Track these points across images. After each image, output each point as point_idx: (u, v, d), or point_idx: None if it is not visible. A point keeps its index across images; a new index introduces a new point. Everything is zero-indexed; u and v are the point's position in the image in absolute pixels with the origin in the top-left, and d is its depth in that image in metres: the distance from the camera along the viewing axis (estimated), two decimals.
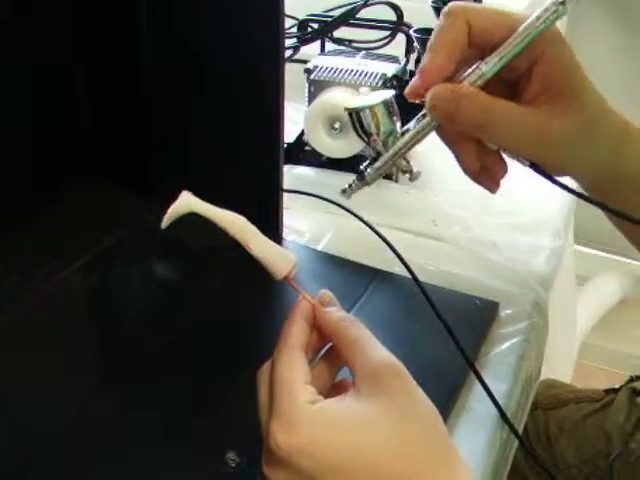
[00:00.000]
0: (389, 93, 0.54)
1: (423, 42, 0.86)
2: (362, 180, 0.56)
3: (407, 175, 0.55)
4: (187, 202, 0.50)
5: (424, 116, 0.53)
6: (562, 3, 0.49)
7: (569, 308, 1.34)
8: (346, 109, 0.54)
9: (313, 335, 0.49)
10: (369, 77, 0.89)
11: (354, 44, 1.00)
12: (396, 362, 0.45)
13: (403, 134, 0.54)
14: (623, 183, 0.57)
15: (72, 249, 0.73)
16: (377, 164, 0.55)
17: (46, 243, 0.73)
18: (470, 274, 0.76)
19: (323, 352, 0.50)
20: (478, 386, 0.61)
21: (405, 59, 0.94)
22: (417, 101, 0.52)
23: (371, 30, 0.98)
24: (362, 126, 0.54)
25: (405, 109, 0.55)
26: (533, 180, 0.55)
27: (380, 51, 0.98)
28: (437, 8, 0.86)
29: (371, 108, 0.53)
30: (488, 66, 0.51)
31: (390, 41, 0.98)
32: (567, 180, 0.56)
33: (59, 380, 0.59)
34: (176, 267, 0.74)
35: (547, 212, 0.88)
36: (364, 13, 0.96)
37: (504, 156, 0.56)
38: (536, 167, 0.53)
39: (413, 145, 0.54)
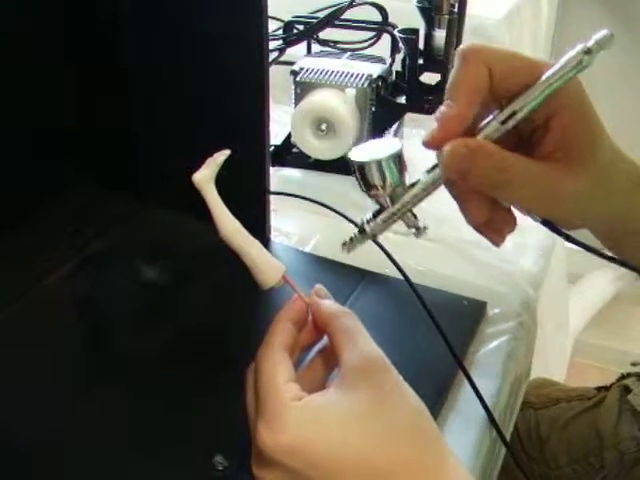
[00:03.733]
0: (397, 145, 0.50)
1: (408, 42, 0.86)
2: (364, 234, 0.51)
3: (413, 230, 0.52)
4: (199, 180, 0.50)
5: (434, 168, 0.50)
6: (587, 52, 0.45)
7: (561, 306, 1.34)
8: (349, 160, 0.50)
9: (301, 337, 0.50)
10: (355, 78, 0.89)
11: (340, 45, 1.00)
12: (384, 357, 0.46)
13: (411, 187, 0.50)
14: (636, 230, 0.55)
15: (61, 252, 0.73)
16: (382, 217, 0.51)
17: (34, 246, 0.73)
18: (458, 274, 0.76)
19: (313, 354, 0.50)
20: (467, 386, 0.61)
21: (390, 59, 0.94)
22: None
23: (356, 31, 0.98)
24: (365, 180, 0.49)
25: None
26: None
27: (366, 52, 0.98)
28: (422, 8, 0.86)
29: (378, 162, 0.49)
30: (505, 119, 0.47)
31: (375, 42, 0.98)
32: None
33: (44, 381, 0.60)
34: (165, 269, 0.74)
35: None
36: (349, 14, 0.95)
37: (514, 210, 0.53)
38: (549, 224, 0.51)
39: (421, 199, 0.50)
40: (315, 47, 1.01)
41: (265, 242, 0.77)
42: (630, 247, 0.56)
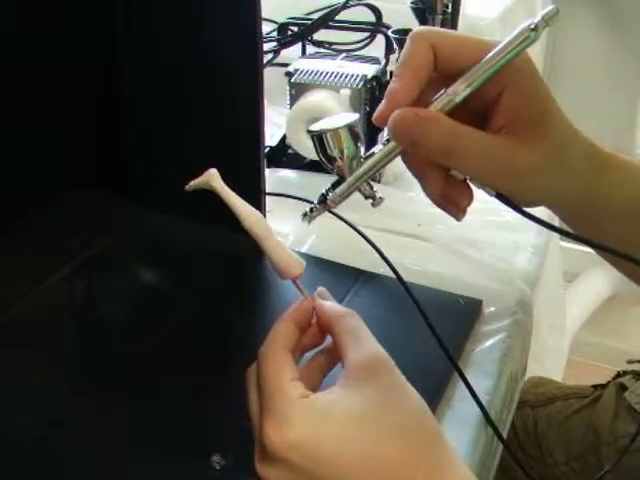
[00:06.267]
0: (353, 116, 0.52)
1: (402, 43, 0.86)
2: (324, 204, 0.53)
3: (370, 201, 0.54)
4: (208, 179, 0.50)
5: (389, 140, 0.51)
6: (534, 29, 0.47)
7: (557, 305, 1.34)
8: (308, 132, 0.52)
9: (304, 339, 0.50)
10: (350, 79, 0.89)
11: (334, 46, 1.00)
12: (387, 356, 0.46)
13: (367, 158, 0.51)
14: (598, 213, 0.56)
15: (60, 254, 0.73)
16: (339, 189, 0.52)
17: (31, 250, 0.73)
18: (454, 273, 0.76)
19: (313, 354, 0.50)
20: (462, 384, 0.62)
21: (385, 60, 0.95)
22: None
23: (351, 32, 0.99)
24: (324, 150, 0.51)
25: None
26: None
27: (360, 52, 0.98)
28: (416, 9, 0.86)
29: (334, 132, 0.51)
30: (455, 92, 0.49)
31: (370, 42, 0.98)
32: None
33: (44, 382, 0.60)
34: (164, 270, 0.74)
35: (529, 209, 0.88)
36: (343, 15, 0.96)
37: (470, 185, 0.53)
38: (502, 197, 0.52)
39: (377, 170, 0.52)
40: (310, 48, 1.02)
41: None
42: (591, 227, 0.56)
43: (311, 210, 0.54)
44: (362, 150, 0.52)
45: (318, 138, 0.51)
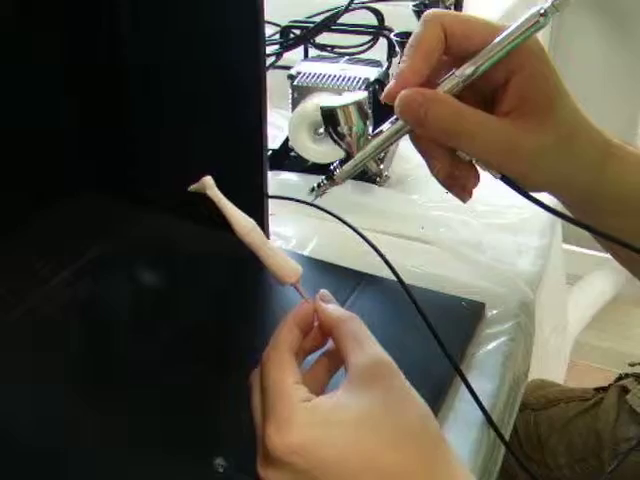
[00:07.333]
0: (362, 94, 0.54)
1: (404, 46, 0.86)
2: (331, 180, 0.55)
3: (377, 178, 0.55)
4: (204, 186, 0.51)
5: (397, 119, 0.52)
6: (543, 15, 0.47)
7: (559, 307, 1.34)
8: (320, 108, 0.54)
9: (306, 341, 0.50)
10: (352, 82, 0.89)
11: (337, 49, 1.00)
12: (391, 360, 0.46)
13: (375, 136, 0.53)
14: (603, 204, 0.56)
15: (62, 255, 0.74)
16: (347, 165, 0.54)
17: (31, 251, 0.73)
18: (456, 275, 0.76)
19: (317, 357, 0.50)
20: (465, 387, 0.61)
21: (387, 63, 0.95)
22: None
23: (353, 35, 0.99)
24: (335, 126, 0.53)
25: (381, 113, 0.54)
26: None
27: (362, 56, 0.98)
28: (418, 12, 0.86)
29: (344, 107, 0.52)
30: (463, 73, 0.49)
31: (372, 45, 0.98)
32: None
33: (45, 382, 0.60)
34: (164, 272, 0.74)
35: (531, 212, 0.88)
36: (346, 18, 0.96)
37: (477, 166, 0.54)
38: (507, 180, 0.52)
39: (384, 148, 0.53)
40: (312, 51, 1.02)
41: None
42: (595, 218, 0.56)
43: (318, 185, 0.55)
44: (370, 129, 0.53)
45: (328, 113, 0.53)
